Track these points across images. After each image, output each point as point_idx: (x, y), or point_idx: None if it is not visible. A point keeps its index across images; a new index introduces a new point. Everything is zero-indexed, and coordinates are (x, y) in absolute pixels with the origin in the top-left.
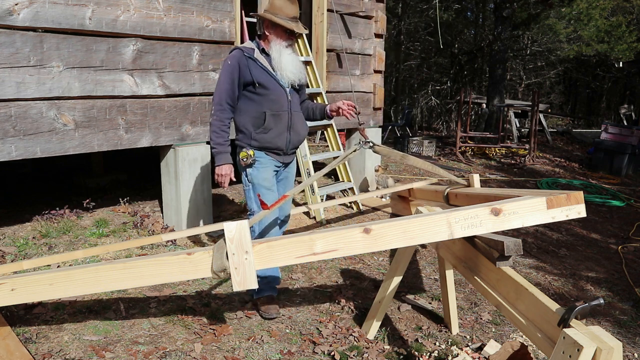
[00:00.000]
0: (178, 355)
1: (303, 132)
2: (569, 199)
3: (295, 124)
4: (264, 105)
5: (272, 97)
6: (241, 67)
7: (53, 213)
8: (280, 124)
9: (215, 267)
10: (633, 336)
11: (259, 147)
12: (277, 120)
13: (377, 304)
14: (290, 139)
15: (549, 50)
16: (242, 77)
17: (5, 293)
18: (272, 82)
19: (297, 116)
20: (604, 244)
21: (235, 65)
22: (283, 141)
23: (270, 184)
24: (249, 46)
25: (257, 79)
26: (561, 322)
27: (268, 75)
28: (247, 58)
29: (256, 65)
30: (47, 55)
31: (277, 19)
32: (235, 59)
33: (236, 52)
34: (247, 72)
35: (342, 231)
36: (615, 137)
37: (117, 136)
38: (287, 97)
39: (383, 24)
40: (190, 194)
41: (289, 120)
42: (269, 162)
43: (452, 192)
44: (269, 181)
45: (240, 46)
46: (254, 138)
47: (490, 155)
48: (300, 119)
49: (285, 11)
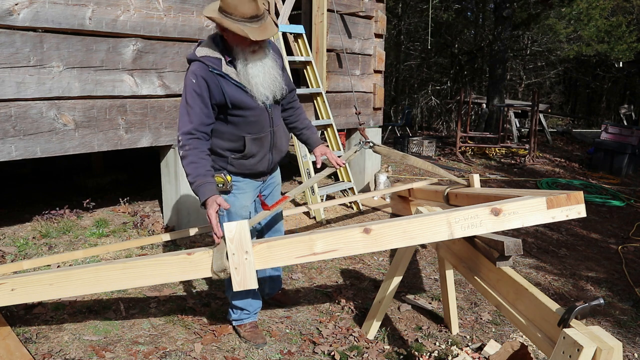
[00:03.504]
0: (178, 355)
1: (285, 147)
2: (569, 199)
3: (277, 142)
4: (241, 128)
5: (251, 119)
6: (210, 86)
7: (53, 213)
8: (262, 148)
9: (215, 267)
10: (633, 336)
11: (236, 172)
12: (259, 144)
13: (377, 304)
14: (272, 160)
15: (549, 50)
16: (213, 98)
17: (5, 293)
18: (250, 100)
19: (279, 132)
20: (604, 244)
21: (202, 84)
22: (265, 164)
23: (248, 212)
24: (213, 55)
25: (231, 99)
26: (561, 322)
27: (244, 93)
28: (215, 75)
29: (227, 82)
30: (47, 55)
31: (230, 23)
32: (201, 75)
33: (199, 67)
34: (217, 92)
35: (342, 231)
36: (615, 137)
37: (117, 136)
38: (268, 114)
39: (383, 24)
40: (190, 194)
41: (272, 140)
42: (248, 186)
43: (452, 192)
44: (246, 209)
45: (201, 56)
46: (231, 163)
47: (490, 155)
48: (283, 133)
49: (241, 10)
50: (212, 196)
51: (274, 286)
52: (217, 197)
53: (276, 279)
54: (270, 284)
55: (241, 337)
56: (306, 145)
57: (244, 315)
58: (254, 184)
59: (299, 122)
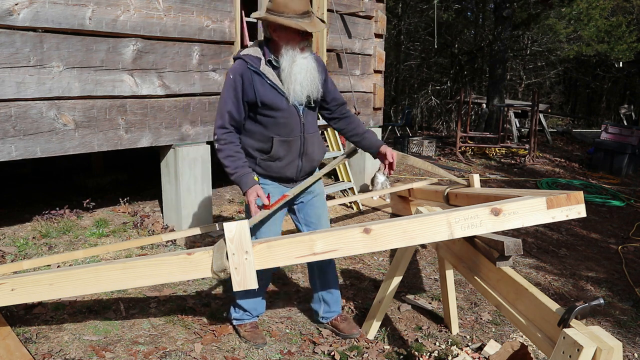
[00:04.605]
0: (178, 355)
1: (318, 156)
2: (569, 199)
3: (308, 149)
4: (270, 129)
5: (280, 120)
6: (245, 83)
7: (53, 213)
8: (290, 152)
9: (215, 267)
10: (633, 336)
11: (264, 175)
12: (287, 147)
13: (377, 304)
14: (302, 167)
15: (549, 50)
16: (245, 95)
17: (5, 293)
18: (281, 101)
19: (311, 140)
20: (604, 244)
21: (238, 80)
22: (293, 170)
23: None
24: (255, 54)
25: (262, 98)
26: (561, 322)
27: (276, 93)
28: (252, 72)
29: (262, 80)
30: (47, 55)
31: (284, 20)
32: (238, 72)
33: (239, 65)
34: (250, 89)
35: (342, 231)
36: (615, 137)
37: (117, 136)
38: (299, 118)
39: (383, 24)
40: (190, 194)
41: (302, 147)
42: (275, 190)
43: (452, 192)
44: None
45: (244, 54)
46: (259, 164)
47: (490, 155)
48: (316, 142)
49: (292, 7)
50: (253, 186)
51: (330, 310)
52: (257, 187)
53: (332, 302)
54: (325, 307)
55: (241, 337)
56: (370, 150)
57: (245, 316)
58: (281, 189)
59: (359, 127)
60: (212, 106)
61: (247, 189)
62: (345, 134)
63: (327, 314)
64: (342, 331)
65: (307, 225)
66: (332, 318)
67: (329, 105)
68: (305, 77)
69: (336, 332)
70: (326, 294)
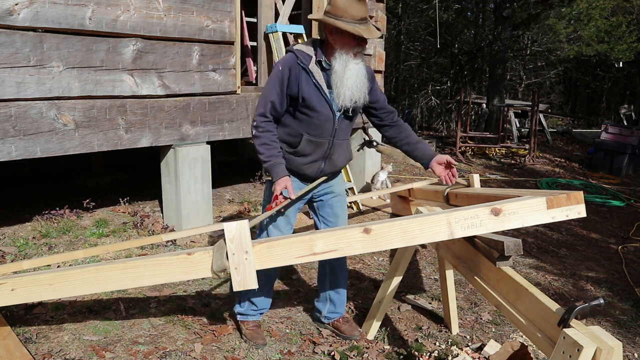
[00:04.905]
0: (178, 355)
1: (341, 162)
2: (569, 199)
3: (333, 154)
4: (303, 126)
5: (315, 121)
6: (291, 76)
7: (53, 213)
8: (315, 153)
9: (215, 267)
10: (633, 336)
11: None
12: (314, 147)
13: (377, 304)
14: (323, 169)
15: (549, 50)
16: (289, 88)
17: (5, 293)
18: (321, 102)
19: (339, 146)
20: (604, 244)
21: (285, 73)
22: (314, 170)
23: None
24: (307, 51)
25: (304, 95)
26: (561, 322)
27: (318, 94)
28: (301, 68)
29: (308, 78)
30: (47, 55)
31: (342, 24)
32: (287, 65)
33: (289, 58)
34: (295, 84)
35: (342, 231)
36: (615, 137)
37: (117, 136)
38: (333, 124)
39: (383, 24)
40: (190, 194)
41: (328, 150)
42: (293, 184)
43: (452, 192)
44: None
45: (296, 49)
46: (284, 156)
47: (490, 155)
48: (343, 148)
49: (351, 12)
50: (284, 177)
51: (334, 310)
52: (287, 180)
53: (338, 303)
54: (330, 307)
55: (242, 335)
56: (422, 161)
57: (250, 310)
58: (299, 185)
59: (410, 137)
60: (212, 106)
61: (278, 178)
62: (395, 142)
63: (331, 314)
64: (343, 332)
65: (325, 223)
66: (335, 319)
67: (377, 112)
68: (355, 82)
69: (337, 333)
70: (334, 293)
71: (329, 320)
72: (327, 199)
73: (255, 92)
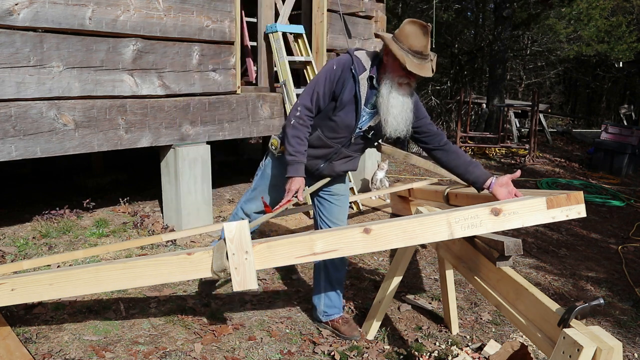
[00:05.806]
0: (178, 355)
1: (341, 169)
2: (569, 199)
3: (336, 160)
4: (322, 124)
5: (333, 125)
6: (340, 78)
7: (53, 213)
8: (319, 151)
9: (215, 267)
10: (633, 336)
11: None
12: (321, 145)
13: (377, 304)
14: (321, 169)
15: (549, 50)
16: (335, 87)
17: (5, 293)
18: (350, 114)
19: (345, 157)
20: (604, 244)
21: (337, 73)
22: (312, 165)
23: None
24: (364, 62)
25: (341, 100)
26: (561, 322)
27: (353, 106)
28: (351, 74)
29: (353, 88)
30: (47, 55)
31: (396, 49)
32: (341, 66)
33: (346, 59)
34: (339, 86)
35: (342, 231)
36: (615, 137)
37: (117, 136)
38: (350, 137)
39: (383, 24)
40: (190, 194)
41: (332, 155)
42: None
43: (452, 192)
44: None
45: (356, 55)
46: None
47: (490, 155)
48: (349, 160)
49: (410, 41)
50: (299, 178)
51: (331, 304)
52: (302, 182)
53: (334, 298)
54: (326, 301)
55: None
56: (475, 185)
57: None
58: None
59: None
60: (212, 106)
61: (295, 176)
62: (445, 166)
63: (328, 308)
64: (343, 333)
65: (324, 221)
66: (333, 318)
67: (421, 137)
68: (400, 112)
69: (337, 334)
70: (330, 288)
71: (328, 317)
72: (330, 198)
73: (255, 92)
